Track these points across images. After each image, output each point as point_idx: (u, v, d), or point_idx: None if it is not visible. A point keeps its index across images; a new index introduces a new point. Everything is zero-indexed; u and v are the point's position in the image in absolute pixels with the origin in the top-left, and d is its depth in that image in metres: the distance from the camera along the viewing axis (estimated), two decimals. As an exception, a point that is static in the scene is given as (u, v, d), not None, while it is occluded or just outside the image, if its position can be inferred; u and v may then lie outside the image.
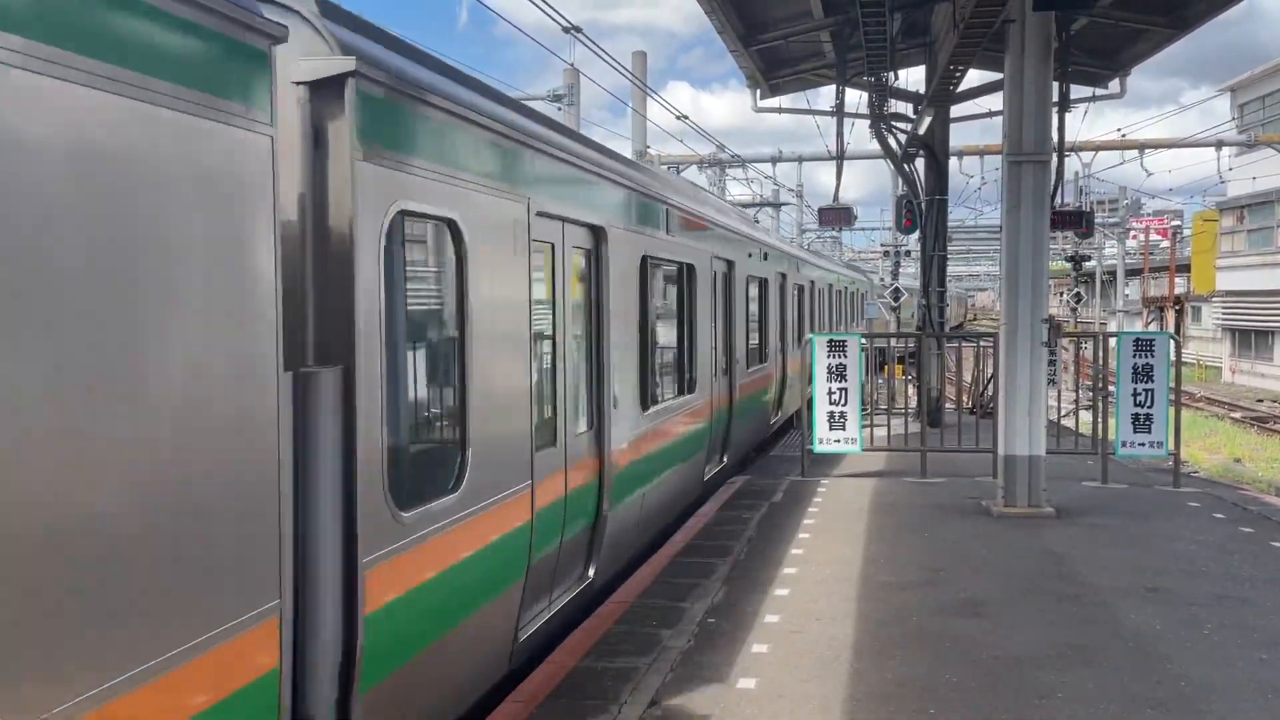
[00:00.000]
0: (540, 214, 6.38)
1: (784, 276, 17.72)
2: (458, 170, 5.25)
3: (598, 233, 7.74)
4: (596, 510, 7.73)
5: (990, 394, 17.07)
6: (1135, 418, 12.34)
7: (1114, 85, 18.31)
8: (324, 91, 4.33)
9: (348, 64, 4.30)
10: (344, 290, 4.36)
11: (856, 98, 18.93)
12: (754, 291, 15.19)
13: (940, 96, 16.28)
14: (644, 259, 8.98)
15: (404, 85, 4.75)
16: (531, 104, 18.10)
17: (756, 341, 15.41)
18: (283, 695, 3.87)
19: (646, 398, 9.06)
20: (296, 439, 4.00)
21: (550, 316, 6.79)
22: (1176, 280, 51.87)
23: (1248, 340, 44.54)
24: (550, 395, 6.81)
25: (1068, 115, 17.21)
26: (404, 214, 4.81)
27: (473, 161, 5.48)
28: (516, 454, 6.05)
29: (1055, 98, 14.16)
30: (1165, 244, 62.93)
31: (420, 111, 4.93)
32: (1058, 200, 18.38)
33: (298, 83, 4.29)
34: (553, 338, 6.84)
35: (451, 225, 5.24)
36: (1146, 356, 12.30)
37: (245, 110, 3.58)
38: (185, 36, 3.30)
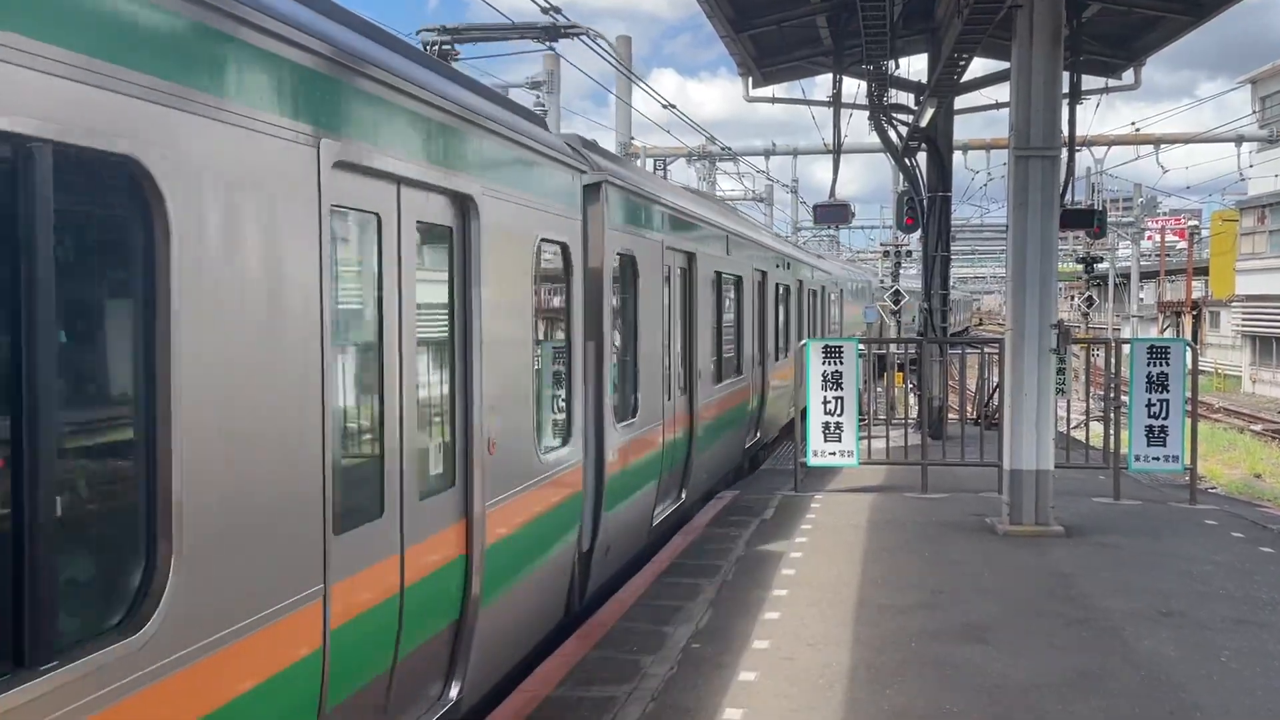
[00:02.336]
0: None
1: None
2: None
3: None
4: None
5: (996, 404, 17.10)
6: (1149, 430, 12.37)
7: (1128, 76, 18.41)
8: None
9: None
10: None
11: (855, 87, 18.99)
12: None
13: (943, 87, 16.32)
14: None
15: None
16: (510, 93, 18.01)
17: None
18: None
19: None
20: None
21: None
22: (1194, 284, 52.17)
23: (1269, 348, 44.79)
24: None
25: (1079, 108, 17.38)
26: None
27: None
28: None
29: (1065, 89, 14.25)
30: (1182, 245, 63.34)
31: None
32: (1068, 198, 18.50)
33: None
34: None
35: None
36: (1162, 365, 12.33)
37: None
38: None
